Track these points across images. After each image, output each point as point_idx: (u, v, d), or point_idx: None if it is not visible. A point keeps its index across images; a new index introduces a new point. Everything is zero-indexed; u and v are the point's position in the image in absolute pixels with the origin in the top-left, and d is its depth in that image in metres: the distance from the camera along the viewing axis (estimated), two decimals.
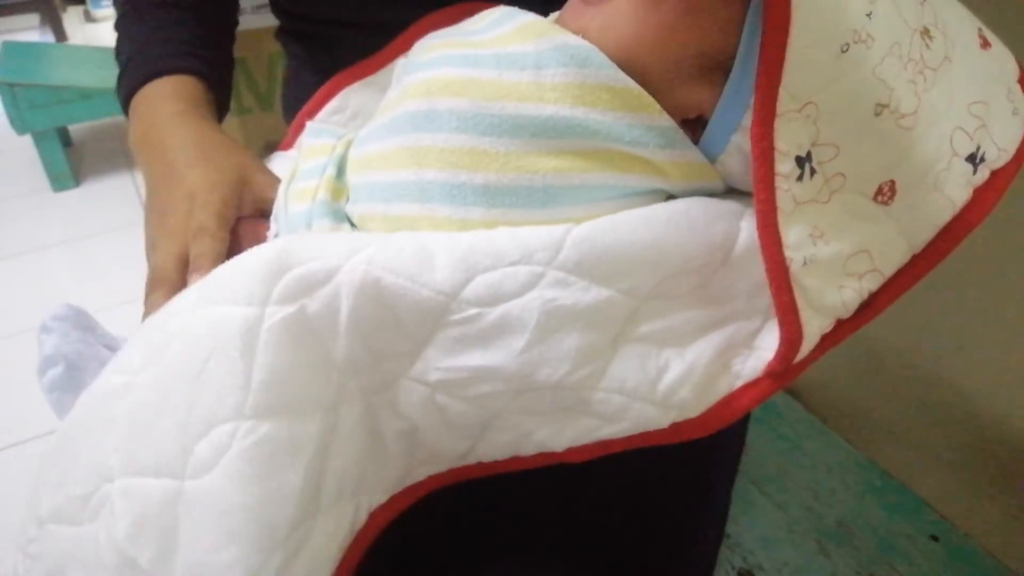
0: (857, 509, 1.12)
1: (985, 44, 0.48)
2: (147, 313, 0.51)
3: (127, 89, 0.64)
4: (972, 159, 0.45)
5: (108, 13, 3.79)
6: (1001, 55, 0.49)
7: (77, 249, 2.17)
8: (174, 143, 0.58)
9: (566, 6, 0.50)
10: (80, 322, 0.54)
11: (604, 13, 0.46)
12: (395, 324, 0.43)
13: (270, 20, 0.75)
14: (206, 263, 0.50)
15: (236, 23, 0.76)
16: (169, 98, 0.62)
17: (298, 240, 0.44)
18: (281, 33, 0.71)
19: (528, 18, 0.49)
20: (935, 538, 1.07)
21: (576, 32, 0.46)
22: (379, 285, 0.42)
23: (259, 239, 0.54)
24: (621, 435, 0.46)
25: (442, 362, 0.44)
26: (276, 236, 0.53)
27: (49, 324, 0.52)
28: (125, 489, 0.41)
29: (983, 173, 0.46)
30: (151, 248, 0.54)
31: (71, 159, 2.49)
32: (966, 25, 0.47)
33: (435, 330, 0.43)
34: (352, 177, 0.51)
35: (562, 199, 0.45)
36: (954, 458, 1.09)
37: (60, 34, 3.60)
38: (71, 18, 3.88)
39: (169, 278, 0.51)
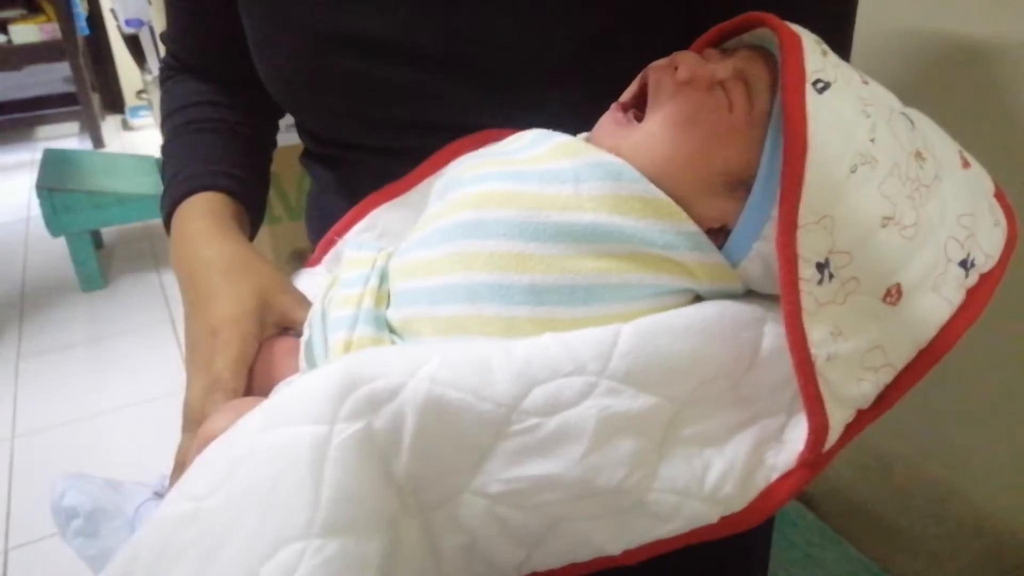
0: None
1: (965, 164, 0.53)
2: (186, 446, 0.52)
3: (167, 209, 0.69)
4: (964, 264, 0.50)
5: (145, 122, 3.96)
6: (979, 173, 0.54)
7: (103, 347, 2.22)
8: (200, 263, 0.61)
9: (597, 126, 0.55)
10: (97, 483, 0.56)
11: (637, 134, 0.52)
12: (457, 438, 0.44)
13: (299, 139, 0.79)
14: (212, 424, 0.50)
15: (274, 145, 0.81)
16: (197, 215, 0.66)
17: (359, 358, 0.45)
18: (305, 156, 0.74)
19: (563, 139, 0.54)
20: None
21: (609, 150, 0.52)
22: (442, 401, 0.43)
23: (287, 352, 0.57)
24: (674, 533, 0.48)
25: (503, 473, 0.45)
26: (308, 341, 0.54)
27: (63, 482, 0.54)
28: None
29: (973, 277, 0.50)
30: (187, 379, 0.56)
31: (101, 260, 2.57)
32: (949, 148, 0.53)
33: (496, 442, 0.45)
34: (396, 284, 0.54)
35: (603, 297, 0.49)
36: (966, 569, 1.08)
37: (98, 141, 3.75)
38: (109, 126, 4.04)
39: (200, 413, 0.53)
